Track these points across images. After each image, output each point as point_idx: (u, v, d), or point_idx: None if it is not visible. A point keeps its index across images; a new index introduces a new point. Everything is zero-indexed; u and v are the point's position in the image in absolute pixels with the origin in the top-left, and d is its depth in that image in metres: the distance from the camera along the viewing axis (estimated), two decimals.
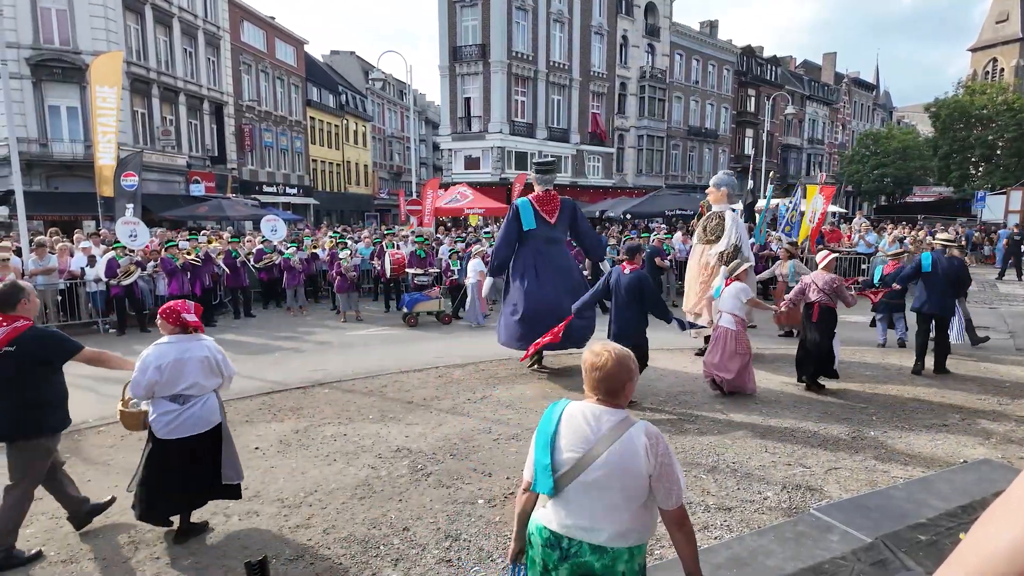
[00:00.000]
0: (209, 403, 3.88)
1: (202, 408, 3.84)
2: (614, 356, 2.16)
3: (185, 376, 3.76)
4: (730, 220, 8.57)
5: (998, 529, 0.75)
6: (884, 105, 66.39)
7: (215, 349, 3.94)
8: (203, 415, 3.84)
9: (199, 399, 3.83)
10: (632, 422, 2.14)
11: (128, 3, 23.64)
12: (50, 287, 10.84)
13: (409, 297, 11.89)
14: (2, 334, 3.56)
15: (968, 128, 40.19)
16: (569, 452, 2.09)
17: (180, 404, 3.77)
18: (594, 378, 2.17)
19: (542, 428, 2.18)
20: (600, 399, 2.17)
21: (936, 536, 3.62)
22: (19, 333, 3.59)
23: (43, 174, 21.92)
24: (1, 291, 3.65)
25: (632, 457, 2.06)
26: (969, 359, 8.70)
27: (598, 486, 2.06)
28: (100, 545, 3.93)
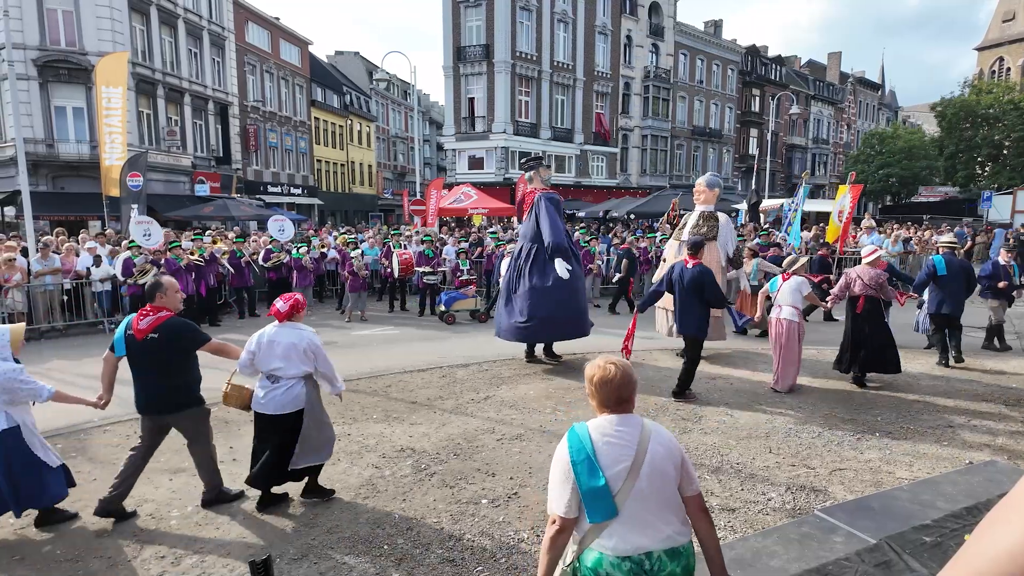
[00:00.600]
0: (293, 390, 4.20)
1: (284, 393, 4.18)
2: (621, 367, 2.19)
3: (273, 357, 4.19)
4: (724, 221, 8.71)
5: (1003, 530, 0.75)
6: (889, 105, 66.12)
7: (309, 341, 4.25)
8: (284, 399, 4.18)
9: (285, 383, 4.19)
10: (647, 421, 2.21)
11: (134, 4, 23.75)
12: (56, 287, 10.91)
13: (447, 295, 12.06)
14: (148, 322, 4.10)
15: (974, 128, 39.99)
16: (617, 466, 2.06)
17: (271, 383, 4.22)
18: (606, 391, 2.17)
19: (576, 457, 2.08)
20: (613, 410, 2.18)
21: (941, 538, 3.60)
22: (161, 322, 4.12)
23: (49, 174, 22.04)
24: (148, 288, 4.28)
25: (667, 452, 2.12)
26: (974, 360, 8.66)
27: (652, 489, 2.06)
28: (106, 544, 3.95)
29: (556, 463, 2.15)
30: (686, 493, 2.17)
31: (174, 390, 4.21)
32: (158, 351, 4.10)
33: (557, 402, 6.80)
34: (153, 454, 4.41)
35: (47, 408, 6.78)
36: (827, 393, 7.08)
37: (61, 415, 6.47)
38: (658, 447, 2.10)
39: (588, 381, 2.22)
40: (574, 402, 6.77)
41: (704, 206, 8.86)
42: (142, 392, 4.21)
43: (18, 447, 3.89)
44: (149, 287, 4.26)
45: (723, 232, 8.57)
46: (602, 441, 2.10)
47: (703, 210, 8.82)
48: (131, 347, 4.12)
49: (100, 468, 5.15)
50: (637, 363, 8.60)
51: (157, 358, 4.12)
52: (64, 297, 11.03)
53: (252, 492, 4.46)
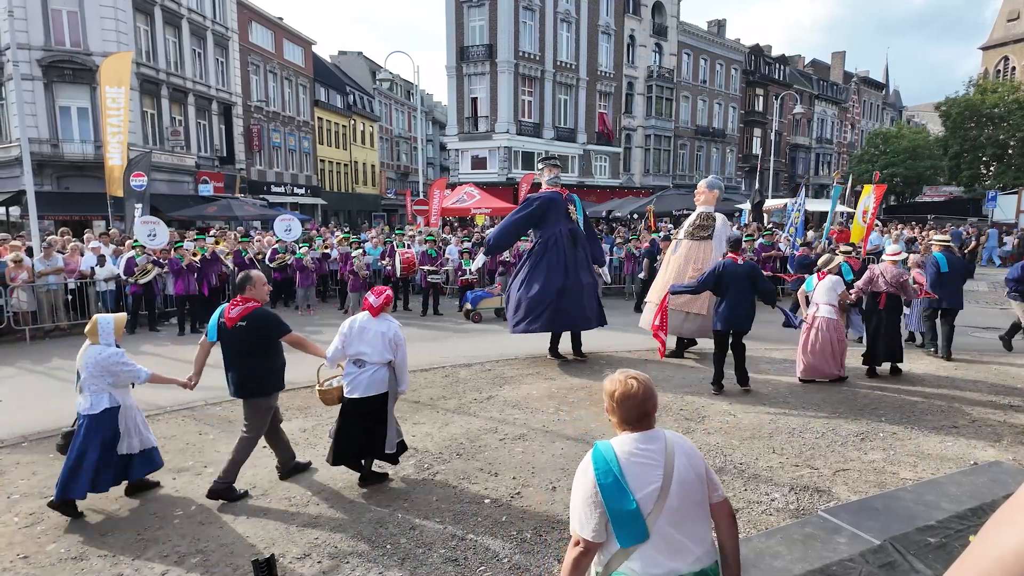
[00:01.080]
0: (377, 374, 4.56)
1: (370, 376, 4.54)
2: (643, 382, 2.12)
3: (361, 343, 4.54)
4: (721, 222, 8.93)
5: (1008, 531, 0.75)
6: (894, 104, 65.92)
7: (395, 332, 4.62)
8: (369, 382, 4.53)
9: (370, 367, 4.54)
10: (667, 434, 2.12)
11: (138, 4, 23.81)
12: (59, 287, 10.94)
13: (473, 294, 12.16)
14: (238, 312, 4.49)
15: (979, 127, 39.82)
16: (648, 488, 1.97)
17: (357, 367, 4.55)
18: (629, 407, 2.09)
19: (603, 479, 1.97)
20: (635, 427, 2.10)
21: (945, 539, 3.59)
22: (250, 311, 4.50)
23: (54, 174, 22.11)
24: (239, 280, 4.70)
25: (691, 465, 2.05)
26: (980, 360, 8.63)
27: (682, 507, 1.99)
28: (111, 543, 3.96)
29: (580, 484, 2.04)
30: (712, 501, 2.12)
31: (259, 374, 4.57)
32: (245, 338, 4.48)
33: (560, 402, 6.80)
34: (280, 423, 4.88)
35: (52, 408, 6.82)
36: (831, 393, 7.06)
37: (67, 415, 6.49)
38: (683, 460, 2.04)
39: (609, 397, 2.13)
40: (577, 402, 6.77)
41: (704, 207, 9.09)
42: (231, 376, 4.60)
43: (110, 428, 4.31)
44: (240, 280, 4.68)
45: (719, 231, 8.76)
46: (629, 461, 2.00)
47: (702, 210, 9.04)
48: (222, 334, 4.54)
49: None
50: (640, 362, 8.60)
51: (244, 345, 4.50)
52: (68, 297, 11.06)
53: (253, 486, 4.46)
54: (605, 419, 6.06)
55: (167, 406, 6.75)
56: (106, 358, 4.29)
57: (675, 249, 9.11)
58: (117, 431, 4.33)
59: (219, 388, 7.46)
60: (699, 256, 8.70)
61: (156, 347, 9.95)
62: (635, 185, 37.26)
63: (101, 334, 4.38)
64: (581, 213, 8.85)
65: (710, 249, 8.68)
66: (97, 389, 4.30)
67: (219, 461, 5.20)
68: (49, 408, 6.73)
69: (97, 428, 4.25)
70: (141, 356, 9.31)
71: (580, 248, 8.56)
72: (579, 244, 8.56)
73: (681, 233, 9.20)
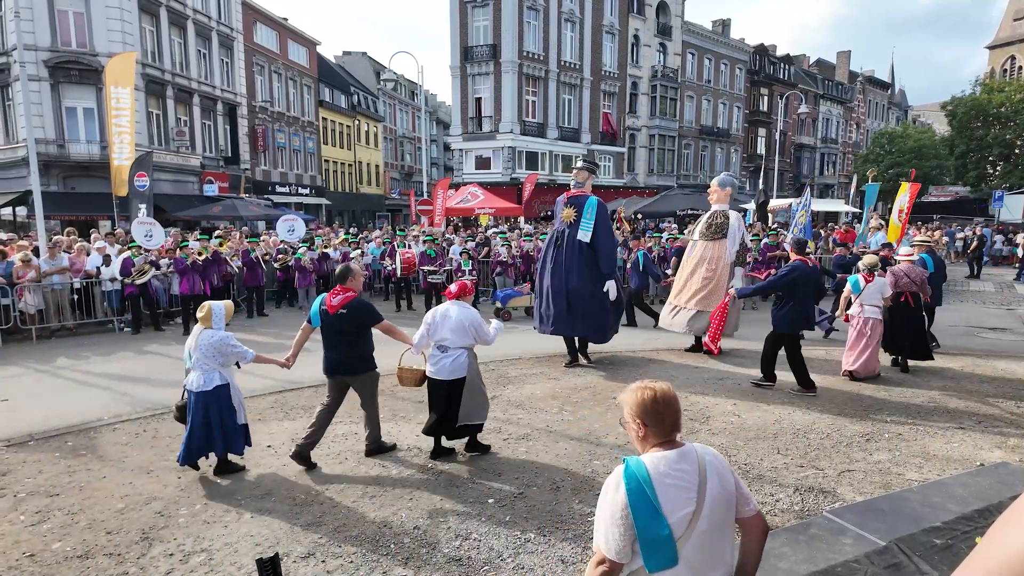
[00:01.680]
0: (459, 359, 5.04)
1: (452, 362, 5.03)
2: (664, 388, 2.02)
3: (444, 329, 5.03)
4: (734, 219, 8.82)
5: (1016, 531, 0.74)
6: (899, 104, 65.62)
7: (472, 318, 5.08)
8: (452, 367, 5.02)
9: (452, 352, 5.03)
10: (698, 448, 2.01)
11: (144, 5, 23.91)
12: (65, 286, 10.99)
13: (503, 293, 12.19)
14: (339, 300, 4.95)
15: (986, 127, 39.62)
16: (681, 511, 1.87)
17: (441, 352, 5.05)
18: (667, 417, 1.98)
19: (635, 500, 1.86)
20: (665, 442, 1.98)
21: (952, 540, 3.57)
22: (349, 300, 4.96)
23: (60, 175, 22.22)
24: (339, 272, 5.19)
25: (724, 483, 1.96)
26: (986, 361, 8.58)
27: (710, 531, 1.91)
28: (116, 541, 3.98)
29: (609, 501, 1.92)
30: (744, 516, 2.03)
31: (353, 357, 5.07)
32: (344, 324, 4.96)
33: (564, 402, 6.79)
34: (338, 409, 5.25)
35: (58, 407, 6.86)
36: (836, 394, 7.03)
37: (73, 414, 6.53)
38: (715, 480, 1.94)
39: (637, 407, 1.99)
40: (581, 402, 6.76)
41: (717, 205, 9.04)
42: (328, 357, 5.08)
43: (226, 402, 4.81)
44: (341, 271, 5.17)
45: (732, 230, 8.70)
46: (663, 482, 1.88)
47: (715, 209, 9.00)
48: (324, 319, 5.00)
49: (109, 466, 5.18)
50: (645, 361, 8.59)
51: (343, 330, 4.98)
52: (74, 296, 11.11)
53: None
54: (609, 419, 6.08)
55: (171, 405, 6.76)
56: (218, 340, 4.79)
57: (691, 250, 9.07)
58: (231, 404, 4.84)
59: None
60: (713, 256, 8.65)
61: (161, 347, 9.98)
62: (639, 185, 37.20)
63: (214, 319, 4.85)
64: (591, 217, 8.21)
65: (724, 248, 8.62)
66: (208, 368, 4.79)
67: (223, 460, 5.21)
68: (55, 407, 6.76)
69: (214, 403, 4.76)
70: (147, 356, 9.36)
71: (568, 252, 8.17)
72: (567, 248, 8.18)
73: (696, 234, 9.13)
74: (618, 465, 1.97)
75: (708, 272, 8.63)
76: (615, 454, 5.28)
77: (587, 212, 8.24)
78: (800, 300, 6.98)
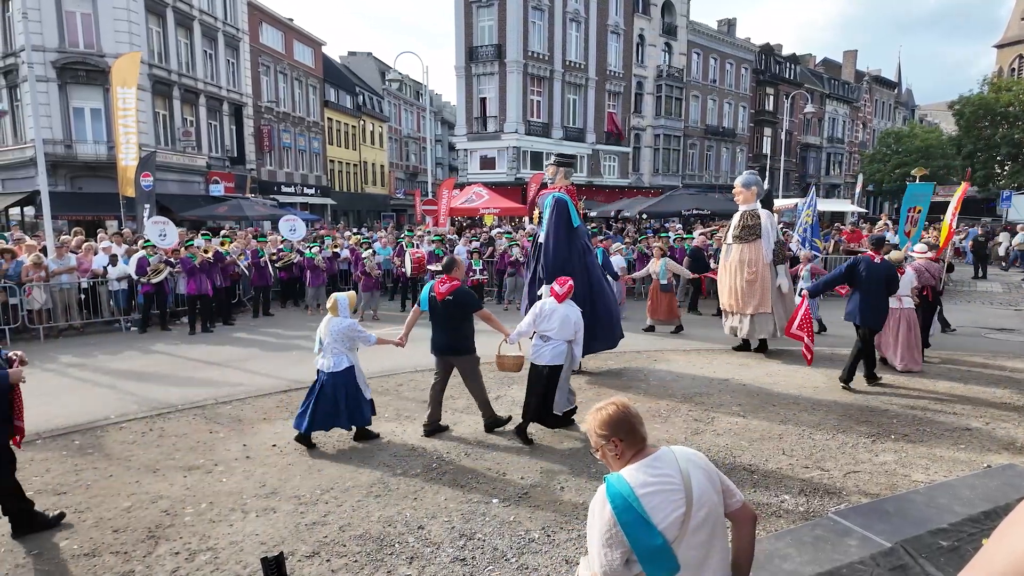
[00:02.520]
0: (559, 348, 5.56)
1: (553, 349, 5.55)
2: (621, 402, 2.05)
3: (550, 322, 5.55)
4: (766, 218, 8.73)
5: (1022, 533, 0.74)
6: (906, 103, 65.29)
7: (578, 317, 5.61)
8: (552, 354, 5.55)
9: (554, 343, 5.56)
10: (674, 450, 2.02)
11: (150, 6, 24.02)
12: (73, 286, 11.06)
13: None
14: (446, 288, 5.60)
15: (993, 126, 39.38)
16: (672, 515, 1.87)
17: (543, 342, 5.58)
18: (636, 427, 2.00)
19: (623, 517, 1.85)
20: (637, 453, 1.99)
21: (958, 542, 3.55)
22: (454, 289, 5.62)
23: (68, 175, 22.34)
24: (446, 263, 5.86)
25: (707, 477, 1.97)
26: (993, 362, 8.53)
27: (704, 527, 1.91)
28: (123, 538, 4.00)
29: (596, 522, 1.92)
30: (731, 508, 2.04)
31: (457, 339, 5.69)
32: (450, 309, 5.60)
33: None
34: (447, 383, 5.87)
35: (65, 406, 6.90)
36: (842, 395, 7.00)
37: (80, 413, 6.56)
38: (700, 475, 1.95)
39: (602, 427, 2.01)
40: (585, 402, 6.75)
41: (745, 206, 8.92)
42: (436, 338, 5.75)
43: (352, 381, 5.45)
44: (447, 263, 5.82)
45: (766, 229, 8.63)
46: (646, 492, 1.88)
47: (744, 209, 8.89)
48: (432, 305, 5.67)
49: (115, 465, 5.21)
50: (649, 362, 8.57)
51: (449, 314, 5.62)
52: (81, 296, 11.18)
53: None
54: None
55: (178, 404, 6.81)
56: (346, 327, 5.44)
57: (726, 254, 8.98)
58: (356, 383, 5.47)
59: (228, 386, 7.54)
60: (752, 258, 8.59)
61: (167, 346, 10.03)
62: (644, 185, 37.13)
63: (340, 309, 5.49)
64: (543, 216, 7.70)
65: (760, 248, 8.58)
66: (338, 352, 5.44)
67: (229, 459, 5.25)
68: (62, 406, 6.80)
69: (342, 382, 5.37)
70: (154, 355, 9.40)
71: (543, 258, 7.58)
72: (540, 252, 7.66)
73: (729, 237, 9.00)
74: (600, 486, 1.96)
75: (750, 275, 8.59)
76: None
77: (546, 211, 7.67)
78: (867, 293, 7.12)
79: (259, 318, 12.62)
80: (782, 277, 8.75)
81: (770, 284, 8.58)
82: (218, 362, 8.91)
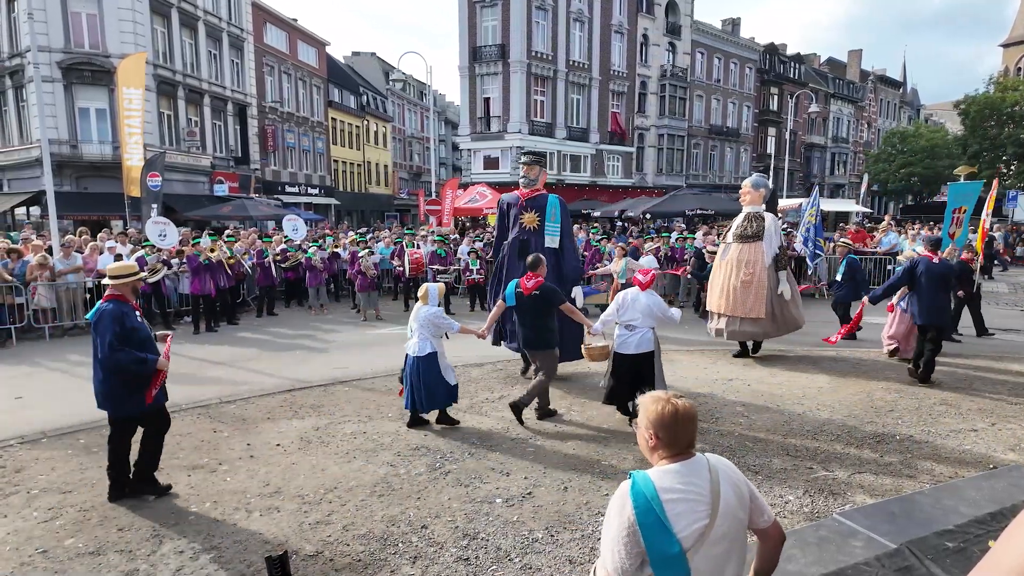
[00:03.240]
0: (644, 336, 5.86)
1: (640, 338, 5.85)
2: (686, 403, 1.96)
3: (634, 312, 5.87)
4: (770, 222, 8.53)
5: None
6: (911, 103, 65.02)
7: (659, 304, 5.94)
8: (639, 342, 5.85)
9: (639, 331, 5.85)
10: (709, 459, 1.96)
11: (155, 6, 24.11)
12: (79, 285, 11.10)
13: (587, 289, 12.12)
14: (533, 283, 6.00)
15: (999, 126, 39.16)
16: (693, 526, 1.83)
17: (628, 331, 5.88)
18: (681, 436, 1.93)
19: (644, 518, 1.81)
20: (675, 456, 1.93)
21: (964, 543, 3.53)
22: (541, 284, 6.00)
23: (73, 175, 22.45)
24: (531, 261, 6.16)
25: (739, 494, 1.92)
26: (1000, 362, 8.48)
27: (722, 542, 1.86)
28: (128, 538, 4.01)
29: (614, 518, 1.87)
30: (760, 526, 1.99)
31: (542, 334, 6.07)
32: (536, 303, 5.99)
33: (571, 402, 6.78)
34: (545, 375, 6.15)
35: (71, 405, 6.92)
36: (847, 395, 6.98)
37: (85, 411, 6.59)
38: (729, 491, 1.89)
39: (652, 423, 1.93)
40: (589, 402, 6.75)
41: (751, 207, 8.75)
42: (521, 333, 6.21)
43: (434, 367, 5.83)
44: (532, 261, 6.16)
45: (769, 233, 8.42)
46: (671, 498, 1.83)
47: (749, 211, 8.71)
48: (518, 300, 6.04)
49: None
50: None
51: (536, 309, 6.01)
52: (87, 295, 11.22)
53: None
54: (618, 419, 6.06)
55: (182, 404, 6.82)
56: (433, 315, 5.88)
57: (723, 253, 8.77)
58: (438, 368, 5.83)
59: (232, 385, 7.55)
60: (750, 259, 8.34)
61: (173, 345, 10.04)
62: (648, 185, 37.09)
63: (430, 298, 5.94)
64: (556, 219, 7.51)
65: (760, 251, 8.33)
66: (423, 337, 5.85)
67: (233, 458, 5.26)
68: (68, 404, 6.83)
69: (424, 367, 5.79)
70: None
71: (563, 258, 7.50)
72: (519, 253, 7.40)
73: (729, 236, 8.83)
74: (624, 481, 1.92)
75: (746, 276, 8.32)
76: (623, 455, 5.26)
77: (550, 214, 7.48)
78: (928, 293, 7.35)
79: (263, 318, 12.64)
80: (784, 283, 8.47)
81: (766, 290, 8.27)
82: (222, 361, 8.93)
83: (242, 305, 13.23)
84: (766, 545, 2.06)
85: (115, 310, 4.37)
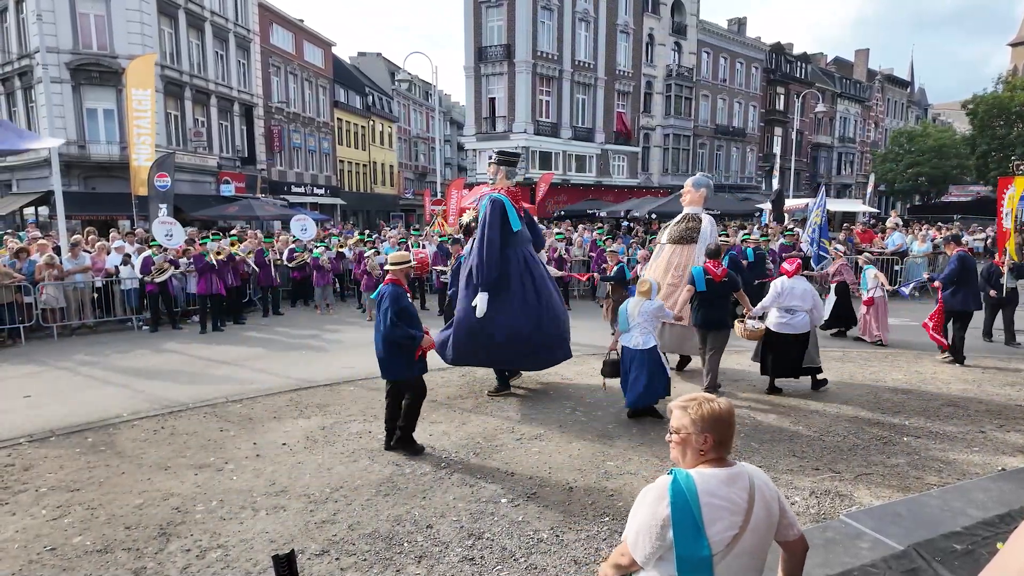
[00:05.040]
0: (804, 318, 6.71)
1: (800, 319, 6.71)
2: (727, 403, 1.95)
3: (793, 297, 6.70)
4: (707, 223, 8.08)
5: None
6: (919, 102, 64.65)
7: (813, 290, 6.84)
8: (799, 324, 6.72)
9: (799, 314, 6.71)
10: (750, 471, 1.94)
11: (163, 8, 24.23)
12: (87, 285, 11.17)
13: None
14: (721, 270, 6.81)
15: (1008, 125, 38.92)
16: (724, 533, 1.82)
17: (789, 314, 6.74)
18: (729, 433, 1.93)
19: (679, 516, 1.82)
20: (716, 459, 1.92)
21: (972, 545, 3.51)
22: (726, 273, 6.81)
23: (81, 175, 22.59)
24: (711, 250, 6.99)
25: (770, 510, 1.91)
26: (1008, 364, 8.43)
27: (747, 553, 1.86)
28: (135, 535, 4.03)
29: (649, 510, 1.87)
30: (788, 538, 2.00)
31: (724, 314, 6.84)
32: (724, 288, 6.81)
33: (576, 402, 6.78)
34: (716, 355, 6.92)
35: (77, 403, 6.96)
36: (853, 396, 6.95)
37: (93, 410, 6.63)
38: (762, 506, 1.89)
39: (705, 424, 1.90)
40: (594, 403, 6.74)
41: (690, 208, 8.29)
42: (708, 314, 6.82)
43: (657, 359, 6.06)
44: (713, 250, 6.95)
45: (704, 235, 7.95)
46: (710, 502, 1.83)
47: (688, 211, 8.28)
48: (710, 285, 6.74)
49: (128, 462, 5.25)
50: None
51: (721, 292, 6.82)
52: (95, 295, 11.29)
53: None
54: (622, 420, 6.05)
55: (189, 402, 6.86)
56: (656, 309, 6.16)
57: (656, 255, 8.35)
58: (660, 361, 6.09)
59: (239, 384, 7.59)
60: (680, 262, 7.83)
61: (179, 345, 10.11)
62: (653, 185, 37.00)
63: (652, 292, 6.19)
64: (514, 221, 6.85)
65: (693, 254, 7.79)
66: (646, 331, 6.05)
67: (239, 457, 5.28)
68: (75, 403, 6.87)
69: (649, 359, 5.96)
70: (165, 354, 9.48)
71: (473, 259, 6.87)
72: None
73: (664, 237, 8.40)
74: (663, 476, 1.90)
75: (674, 279, 7.74)
76: (628, 456, 5.26)
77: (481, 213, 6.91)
78: (968, 283, 8.35)
79: (269, 317, 12.69)
80: None
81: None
82: (229, 361, 8.97)
83: (248, 305, 13.28)
84: (791, 557, 2.07)
85: (394, 292, 5.16)
